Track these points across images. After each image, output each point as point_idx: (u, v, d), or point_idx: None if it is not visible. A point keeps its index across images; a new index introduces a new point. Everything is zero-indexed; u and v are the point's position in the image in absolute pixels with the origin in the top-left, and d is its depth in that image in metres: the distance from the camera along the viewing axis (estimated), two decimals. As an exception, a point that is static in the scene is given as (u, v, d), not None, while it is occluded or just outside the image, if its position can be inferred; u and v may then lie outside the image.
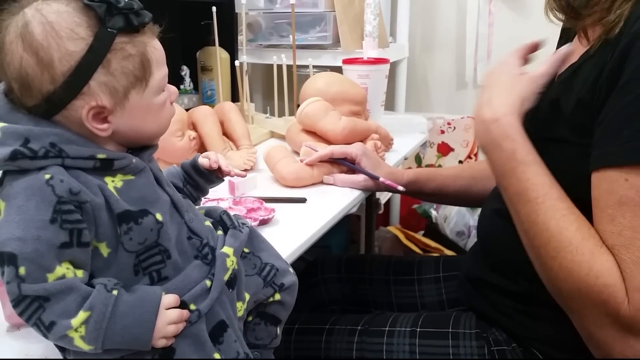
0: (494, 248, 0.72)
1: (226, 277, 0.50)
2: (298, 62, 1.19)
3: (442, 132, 1.76)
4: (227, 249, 0.52)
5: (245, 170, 0.91)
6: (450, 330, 0.72)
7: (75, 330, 0.40)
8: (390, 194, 1.67)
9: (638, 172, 0.50)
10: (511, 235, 0.63)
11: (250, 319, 0.58)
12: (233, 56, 1.29)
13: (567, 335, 0.60)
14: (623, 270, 0.51)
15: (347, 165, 0.88)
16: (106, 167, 0.45)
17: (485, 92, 0.65)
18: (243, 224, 0.57)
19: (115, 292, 0.42)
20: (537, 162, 0.58)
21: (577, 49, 0.63)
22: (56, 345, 0.45)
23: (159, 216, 0.47)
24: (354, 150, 0.87)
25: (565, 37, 0.72)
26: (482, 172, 0.87)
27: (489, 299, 0.72)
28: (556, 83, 0.64)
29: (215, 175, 0.60)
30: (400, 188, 0.85)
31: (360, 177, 0.86)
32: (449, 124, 1.75)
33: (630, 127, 0.50)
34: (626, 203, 0.51)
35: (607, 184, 0.52)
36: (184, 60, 1.31)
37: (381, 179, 0.85)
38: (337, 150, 0.88)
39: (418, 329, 0.73)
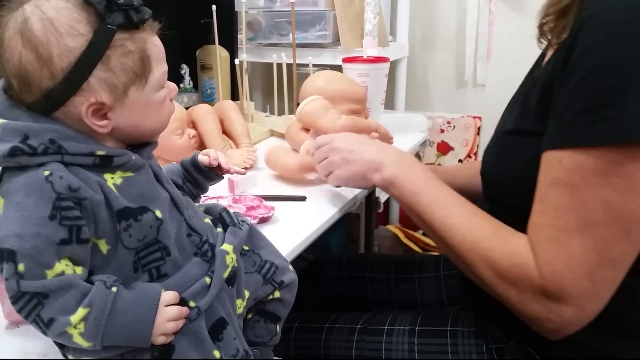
0: None
1: (226, 275, 0.50)
2: (298, 61, 1.19)
3: (442, 131, 1.76)
4: (227, 246, 0.52)
5: (245, 168, 0.91)
6: (448, 328, 0.72)
7: (75, 327, 0.40)
8: (389, 193, 1.67)
9: (571, 155, 0.52)
10: None
11: (249, 316, 0.58)
12: (233, 55, 1.29)
13: None
14: (537, 247, 0.55)
15: None
16: (106, 164, 0.45)
17: (369, 146, 0.76)
18: (243, 221, 0.57)
19: (114, 289, 0.42)
20: (439, 177, 0.70)
21: (551, 51, 0.65)
22: (55, 342, 0.45)
23: (158, 213, 0.46)
24: None
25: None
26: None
27: (484, 297, 0.72)
28: (529, 83, 0.66)
29: (214, 172, 0.60)
30: None
31: None
32: (448, 122, 1.75)
33: (569, 111, 0.52)
34: (556, 184, 0.54)
35: (545, 165, 0.55)
36: (184, 58, 1.31)
37: None
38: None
39: (417, 328, 0.73)
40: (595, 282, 0.53)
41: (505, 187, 0.63)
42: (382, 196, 1.55)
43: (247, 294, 0.54)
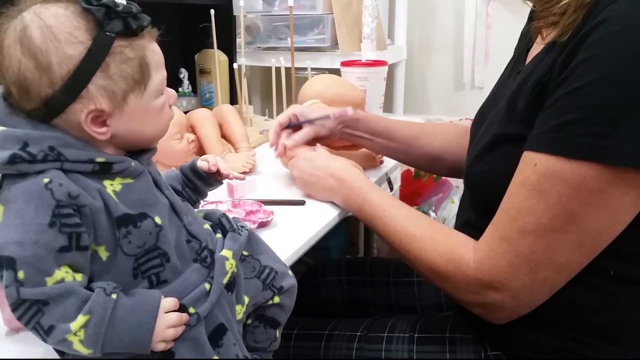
0: None
1: (225, 280, 0.50)
2: (296, 65, 1.20)
3: (441, 133, 1.76)
4: (226, 252, 0.52)
5: (244, 172, 0.91)
6: (447, 335, 0.71)
7: (74, 334, 0.40)
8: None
9: (548, 161, 0.52)
10: None
11: (249, 322, 0.58)
12: (231, 59, 1.29)
13: (549, 341, 0.60)
14: (487, 244, 0.57)
15: (297, 123, 0.89)
16: (105, 171, 0.45)
17: (319, 175, 0.80)
18: (242, 226, 0.57)
19: (114, 296, 0.42)
20: (378, 188, 0.74)
21: (537, 47, 0.63)
22: (55, 349, 0.44)
23: (157, 219, 0.46)
24: (291, 110, 0.90)
25: (523, 42, 0.72)
26: (431, 129, 0.92)
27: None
28: (515, 82, 0.64)
29: (214, 178, 0.60)
30: (350, 110, 0.86)
31: (305, 129, 0.88)
32: (447, 125, 1.75)
33: (558, 117, 0.51)
34: (525, 185, 0.54)
35: (521, 164, 0.55)
36: (183, 63, 1.31)
37: (331, 114, 0.87)
38: (281, 118, 0.89)
39: (416, 335, 0.73)
40: (535, 280, 0.55)
41: (489, 192, 0.62)
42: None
43: (246, 299, 0.54)
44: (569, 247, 0.53)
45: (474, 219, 0.66)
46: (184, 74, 1.31)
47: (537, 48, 0.63)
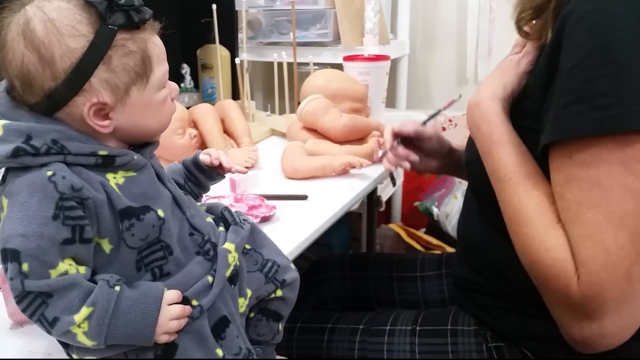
0: (471, 249, 0.72)
1: (228, 273, 0.51)
2: (298, 60, 1.20)
3: (444, 129, 1.76)
4: (229, 245, 0.52)
5: (247, 167, 0.91)
6: (449, 327, 0.72)
7: (78, 326, 0.41)
8: (390, 192, 1.67)
9: (580, 148, 0.50)
10: (486, 235, 0.64)
11: (252, 315, 0.58)
12: (233, 54, 1.29)
13: (550, 331, 0.60)
14: (571, 245, 0.51)
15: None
16: (108, 164, 0.45)
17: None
18: (244, 220, 0.57)
19: (117, 288, 0.42)
20: (512, 142, 0.59)
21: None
22: (59, 342, 0.45)
23: (160, 212, 0.47)
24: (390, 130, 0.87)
25: None
26: None
27: (473, 299, 0.72)
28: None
29: (216, 172, 0.61)
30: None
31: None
32: (450, 121, 1.74)
33: (561, 104, 0.51)
34: (572, 180, 0.51)
35: (556, 162, 0.53)
36: (185, 58, 1.31)
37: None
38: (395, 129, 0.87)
39: (418, 328, 0.73)
40: (632, 282, 0.49)
41: (485, 178, 0.61)
42: (384, 195, 1.55)
43: (249, 292, 0.55)
44: None
45: (480, 209, 0.65)
46: (185, 69, 1.31)
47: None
